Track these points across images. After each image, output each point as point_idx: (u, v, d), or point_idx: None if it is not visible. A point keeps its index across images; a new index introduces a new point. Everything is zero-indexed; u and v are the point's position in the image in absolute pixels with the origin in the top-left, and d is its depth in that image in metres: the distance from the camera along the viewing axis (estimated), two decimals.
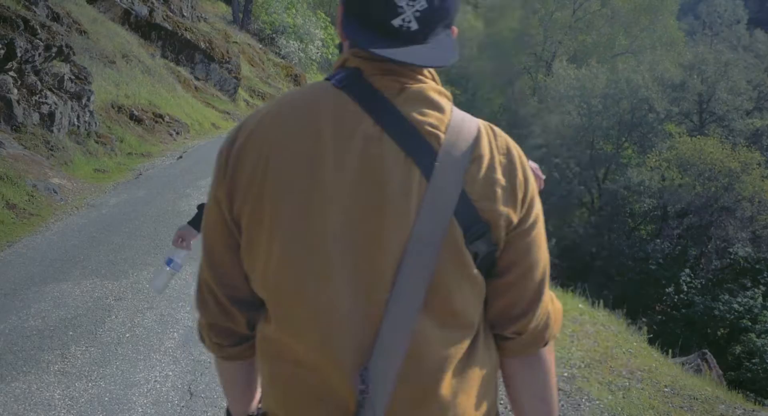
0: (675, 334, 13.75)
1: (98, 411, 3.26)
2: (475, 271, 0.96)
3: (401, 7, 0.93)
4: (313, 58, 31.28)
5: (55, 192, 7.79)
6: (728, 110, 22.16)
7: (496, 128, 1.04)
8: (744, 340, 13.69)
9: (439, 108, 0.99)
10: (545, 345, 1.06)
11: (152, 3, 18.28)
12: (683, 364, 5.75)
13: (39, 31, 9.31)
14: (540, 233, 1.02)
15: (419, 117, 0.96)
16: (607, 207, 21.08)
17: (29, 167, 8.04)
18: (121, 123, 12.07)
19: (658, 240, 18.27)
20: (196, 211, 2.54)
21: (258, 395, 1.22)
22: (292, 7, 30.55)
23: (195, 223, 2.50)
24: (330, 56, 33.34)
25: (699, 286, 16.26)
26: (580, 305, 5.91)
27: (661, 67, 24.14)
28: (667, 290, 16.16)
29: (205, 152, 12.41)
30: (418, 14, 0.94)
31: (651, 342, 6.12)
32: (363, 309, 0.93)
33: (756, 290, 15.44)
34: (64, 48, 10.00)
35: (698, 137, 19.37)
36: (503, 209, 0.96)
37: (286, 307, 0.98)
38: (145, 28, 17.74)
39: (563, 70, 27.83)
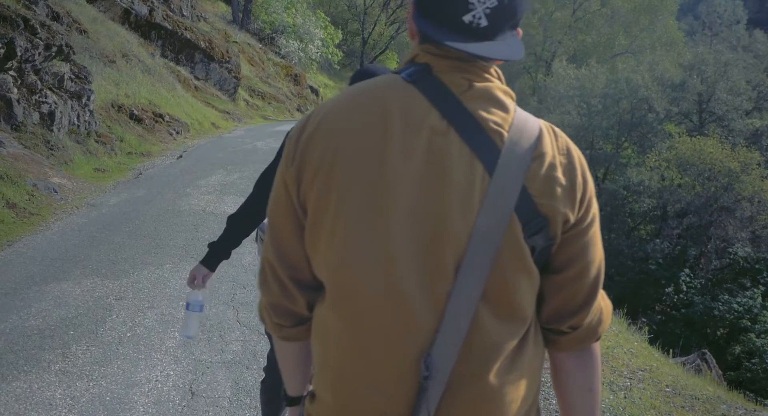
0: (675, 334, 13.76)
1: (99, 410, 3.25)
2: (532, 264, 0.99)
3: (472, 3, 0.97)
4: (313, 57, 31.27)
5: (56, 191, 7.79)
6: (728, 110, 22.15)
7: (557, 129, 1.07)
8: (743, 340, 13.70)
9: (504, 107, 1.02)
10: (597, 339, 1.10)
11: (152, 2, 18.26)
12: (684, 364, 5.75)
13: (39, 30, 9.30)
14: (596, 232, 1.05)
15: (485, 114, 1.00)
16: (606, 207, 21.11)
17: (29, 166, 8.03)
18: (121, 122, 12.06)
19: (658, 240, 18.26)
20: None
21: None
22: (291, 7, 30.54)
23: (207, 262, 2.46)
24: (330, 56, 33.34)
25: (698, 286, 16.26)
26: None
27: (660, 67, 24.14)
28: (666, 290, 16.16)
29: (204, 151, 12.41)
30: (488, 11, 0.98)
31: (651, 341, 6.12)
32: (425, 297, 0.96)
33: (755, 290, 15.45)
34: (64, 47, 9.99)
35: (698, 137, 19.37)
36: (562, 206, 0.99)
37: (346, 291, 1.00)
38: (145, 28, 17.73)
39: (563, 70, 27.83)
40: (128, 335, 4.15)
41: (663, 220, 19.37)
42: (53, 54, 9.72)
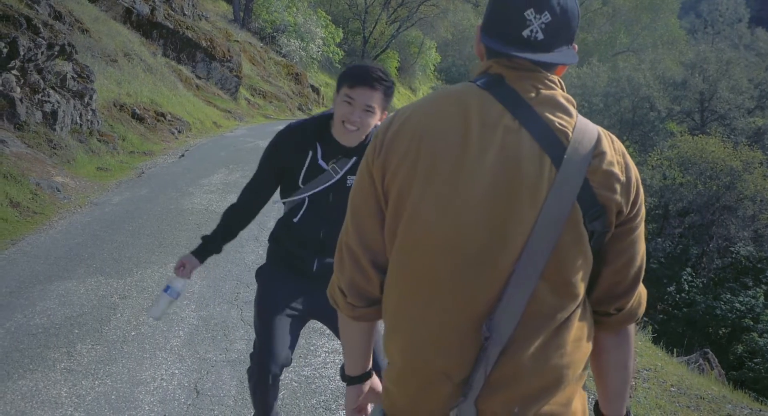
0: (677, 333, 13.74)
1: (105, 409, 3.26)
2: (589, 248, 1.14)
3: (529, 20, 1.15)
4: (314, 56, 31.26)
5: (59, 190, 7.79)
6: (730, 109, 22.16)
7: (613, 136, 1.22)
8: (746, 340, 13.68)
9: (567, 112, 1.18)
10: (636, 321, 1.27)
11: (153, 1, 18.26)
12: (688, 364, 5.75)
13: (41, 29, 9.30)
14: (642, 230, 1.22)
15: (551, 117, 1.16)
16: None
17: (32, 165, 8.04)
18: (123, 121, 12.06)
19: (660, 239, 18.26)
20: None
21: (370, 360, 1.43)
22: (292, 6, 30.53)
23: (198, 253, 2.51)
24: (331, 54, 33.31)
25: (700, 285, 16.24)
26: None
27: (662, 66, 24.15)
28: (668, 289, 16.15)
29: (206, 150, 12.42)
30: (543, 26, 1.16)
31: (655, 341, 6.12)
32: (491, 272, 1.12)
33: (758, 289, 15.43)
34: (66, 47, 9.99)
35: (700, 135, 19.38)
36: (618, 198, 1.14)
37: (420, 268, 1.16)
38: (146, 27, 17.73)
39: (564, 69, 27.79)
40: (133, 334, 4.16)
41: (665, 219, 19.36)
42: (56, 53, 9.72)
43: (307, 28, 30.33)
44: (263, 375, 2.55)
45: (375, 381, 1.46)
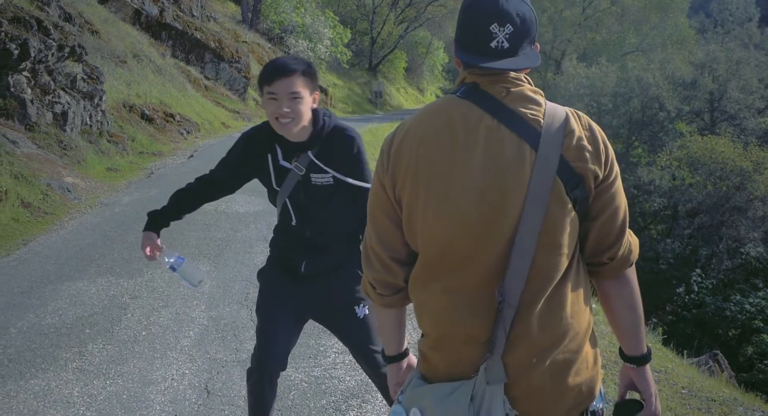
0: (686, 335, 13.67)
1: (117, 408, 3.27)
2: (574, 213, 1.34)
3: (495, 33, 1.34)
4: (322, 57, 31.28)
5: (69, 191, 7.84)
6: (740, 109, 22.02)
7: (580, 112, 1.41)
8: (756, 341, 13.59)
9: (536, 102, 1.37)
10: (630, 265, 1.44)
11: (162, 3, 18.34)
12: (699, 365, 5.72)
13: (52, 31, 9.36)
14: (620, 185, 1.40)
15: (523, 109, 1.35)
16: None
17: (43, 166, 8.09)
18: (133, 122, 12.13)
19: (669, 240, 18.18)
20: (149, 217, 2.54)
21: (405, 339, 1.66)
22: (300, 7, 30.56)
23: (151, 226, 2.50)
24: (339, 55, 33.33)
25: (710, 286, 16.14)
26: (594, 305, 5.89)
27: (671, 66, 24.01)
28: (677, 290, 16.07)
29: (215, 151, 12.45)
30: (507, 36, 1.34)
31: (665, 343, 6.09)
32: (497, 246, 1.32)
33: None
34: (76, 48, 10.06)
35: (709, 135, 19.27)
36: (591, 166, 1.34)
37: (440, 254, 1.37)
38: (155, 28, 17.81)
39: (573, 69, 27.74)
40: (143, 333, 4.18)
41: (674, 220, 19.27)
42: (66, 55, 9.78)
43: (315, 29, 30.37)
44: (262, 374, 2.58)
45: (411, 359, 1.69)
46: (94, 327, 4.26)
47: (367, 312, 2.53)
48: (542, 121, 1.34)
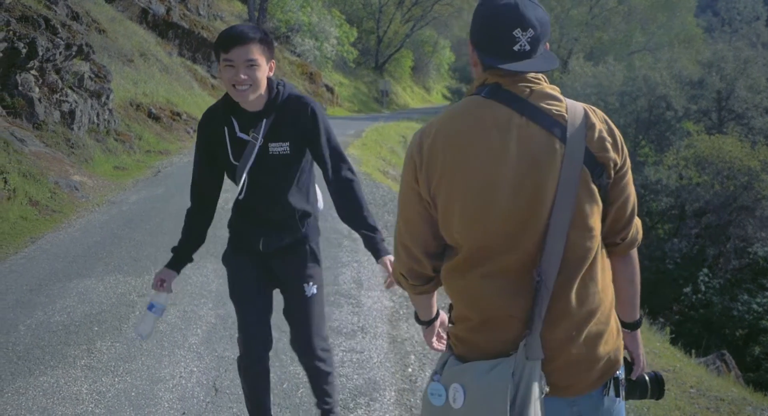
0: (693, 334, 13.60)
1: (125, 405, 3.29)
2: (599, 198, 1.48)
3: (518, 37, 1.45)
4: (328, 56, 31.30)
5: (77, 189, 7.87)
6: (747, 108, 21.88)
7: (594, 107, 1.54)
8: (763, 341, 13.53)
9: (558, 99, 1.50)
10: (637, 245, 1.61)
11: (169, 2, 18.38)
12: (707, 365, 5.70)
13: (60, 30, 9.40)
14: (630, 174, 1.55)
15: (547, 106, 1.48)
16: None
17: (51, 164, 8.12)
18: (140, 121, 12.16)
19: (676, 239, 18.08)
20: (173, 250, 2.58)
21: (435, 309, 1.82)
22: (307, 6, 30.58)
23: (172, 265, 2.55)
24: (345, 54, 33.34)
25: (717, 286, 16.05)
26: None
27: (679, 65, 23.88)
28: (684, 290, 15.99)
29: None
30: (529, 40, 1.46)
31: (672, 342, 6.07)
32: (533, 232, 1.44)
33: None
34: (84, 47, 10.09)
35: (717, 135, 19.15)
36: (612, 155, 1.48)
37: (480, 244, 1.48)
38: (162, 27, 17.85)
39: (579, 68, 27.64)
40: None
41: (681, 219, 19.18)
42: (73, 53, 9.82)
43: (322, 28, 30.38)
44: (251, 358, 2.60)
45: (442, 316, 1.86)
46: (102, 324, 4.28)
47: (315, 291, 2.60)
48: (566, 116, 1.47)
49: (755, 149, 17.87)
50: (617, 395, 1.56)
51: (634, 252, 1.63)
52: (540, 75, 1.52)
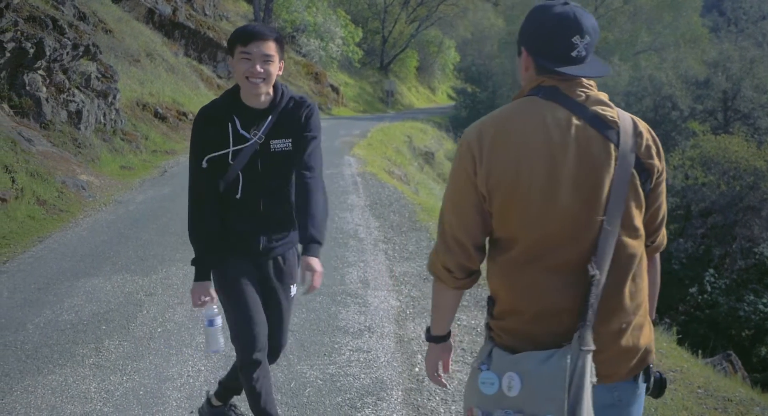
0: (699, 335, 13.56)
1: (134, 404, 3.30)
2: (644, 201, 1.59)
3: (576, 44, 1.57)
4: (334, 56, 31.31)
5: (84, 189, 7.90)
6: (754, 108, 21.81)
7: (637, 118, 1.63)
8: None
9: (610, 106, 1.60)
10: (662, 249, 1.74)
11: (175, 2, 18.43)
12: (715, 366, 5.69)
13: (67, 30, 9.44)
14: (665, 183, 1.66)
15: (602, 112, 1.58)
16: None
17: (58, 163, 8.16)
18: (146, 121, 12.20)
19: (681, 240, 18.01)
20: (196, 266, 2.54)
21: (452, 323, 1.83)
22: (312, 6, 30.61)
23: (202, 277, 2.50)
24: (350, 54, 33.34)
25: (723, 286, 15.99)
26: None
27: (684, 65, 23.84)
28: (690, 290, 15.94)
29: None
30: (585, 46, 1.58)
31: (679, 343, 6.06)
32: (589, 231, 1.53)
33: None
34: (91, 47, 10.13)
35: (723, 135, 19.10)
36: (656, 162, 1.60)
37: (540, 239, 1.55)
38: (168, 27, 17.90)
39: None
40: (159, 330, 4.21)
41: (687, 219, 19.11)
42: (80, 53, 9.86)
43: (327, 28, 30.41)
44: (258, 360, 2.57)
45: (449, 343, 1.85)
46: (110, 323, 4.30)
47: (295, 291, 2.67)
48: (618, 122, 1.57)
49: (761, 149, 17.80)
50: (646, 382, 1.66)
51: (658, 256, 1.75)
52: (592, 81, 1.62)
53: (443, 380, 1.88)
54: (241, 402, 3.08)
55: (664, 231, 1.70)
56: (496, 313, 1.66)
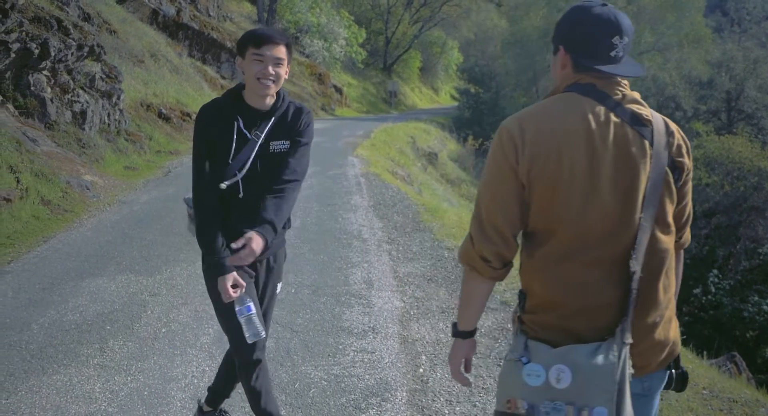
0: (703, 336, 13.52)
1: (138, 404, 3.30)
2: (675, 198, 1.66)
3: (616, 44, 1.64)
4: (337, 57, 31.32)
5: (88, 189, 7.92)
6: (757, 108, 21.79)
7: (666, 118, 1.69)
8: None
9: (643, 105, 1.66)
10: (685, 247, 1.80)
11: (179, 3, 18.45)
12: (718, 367, 5.67)
13: (71, 30, 9.46)
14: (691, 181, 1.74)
15: (637, 110, 1.64)
16: None
17: (62, 164, 8.17)
18: (150, 121, 12.21)
19: None
20: (217, 261, 2.45)
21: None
22: (316, 6, 30.63)
23: (226, 269, 2.42)
24: (354, 55, 33.35)
25: (727, 287, 15.95)
26: None
27: (688, 65, 23.82)
28: (694, 291, 15.89)
29: None
30: (623, 46, 1.65)
31: (684, 343, 6.04)
32: (629, 225, 1.58)
33: None
34: (95, 47, 10.15)
35: (726, 135, 19.07)
36: (686, 161, 1.66)
37: (582, 230, 1.58)
38: (172, 28, 17.93)
39: None
40: (163, 331, 4.21)
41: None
42: (85, 54, 9.87)
43: (330, 29, 30.42)
44: (251, 360, 2.59)
45: (475, 339, 1.87)
46: (114, 323, 4.30)
47: (279, 289, 2.78)
48: (652, 121, 1.63)
49: (765, 149, 17.77)
50: (674, 370, 1.74)
51: (683, 253, 1.83)
52: (626, 81, 1.68)
53: (467, 377, 1.89)
54: (240, 402, 3.08)
55: (689, 228, 1.76)
56: (529, 307, 1.69)
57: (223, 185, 2.48)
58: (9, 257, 5.61)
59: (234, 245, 2.28)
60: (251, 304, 2.47)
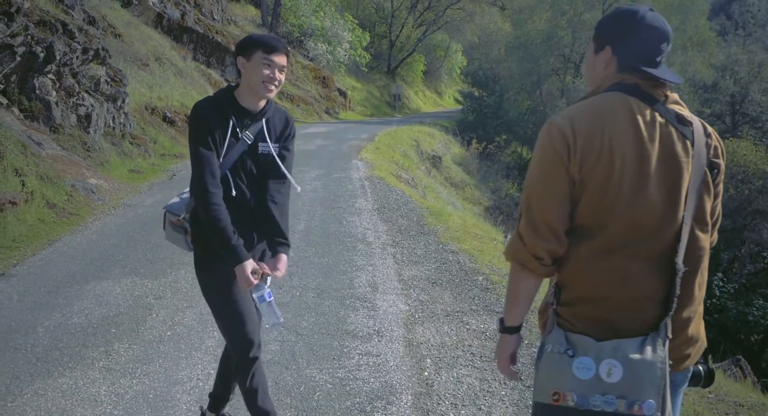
0: (708, 340, 13.45)
1: (143, 407, 3.30)
2: (713, 198, 1.71)
3: (662, 50, 1.73)
4: (341, 60, 31.37)
5: (93, 192, 7.94)
6: (762, 112, 21.77)
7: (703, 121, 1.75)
8: None
9: (684, 106, 1.73)
10: (713, 245, 1.80)
11: (184, 7, 18.51)
12: (723, 371, 5.65)
13: (77, 34, 9.49)
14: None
15: (680, 113, 1.71)
16: None
17: (67, 167, 8.20)
18: (155, 125, 12.25)
19: None
20: (233, 250, 2.45)
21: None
22: (320, 10, 30.70)
23: (244, 257, 2.44)
24: (357, 58, 33.39)
25: (732, 291, 15.92)
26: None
27: (692, 68, 23.79)
28: None
29: None
30: (666, 52, 1.74)
31: None
32: (673, 222, 1.64)
33: None
34: (100, 51, 10.19)
35: (731, 138, 19.05)
36: (722, 161, 1.73)
37: (632, 225, 1.63)
38: (177, 31, 17.98)
39: None
40: (168, 334, 4.21)
41: None
42: (90, 58, 9.91)
43: (334, 32, 30.48)
44: (248, 359, 2.62)
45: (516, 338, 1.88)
46: (119, 326, 4.31)
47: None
48: (693, 122, 1.70)
49: None
50: (701, 367, 1.79)
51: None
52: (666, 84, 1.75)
53: (515, 371, 1.92)
54: (238, 404, 3.08)
55: (717, 228, 1.79)
56: (565, 300, 1.71)
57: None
58: (14, 261, 5.62)
59: (278, 274, 2.54)
60: (270, 291, 2.52)
